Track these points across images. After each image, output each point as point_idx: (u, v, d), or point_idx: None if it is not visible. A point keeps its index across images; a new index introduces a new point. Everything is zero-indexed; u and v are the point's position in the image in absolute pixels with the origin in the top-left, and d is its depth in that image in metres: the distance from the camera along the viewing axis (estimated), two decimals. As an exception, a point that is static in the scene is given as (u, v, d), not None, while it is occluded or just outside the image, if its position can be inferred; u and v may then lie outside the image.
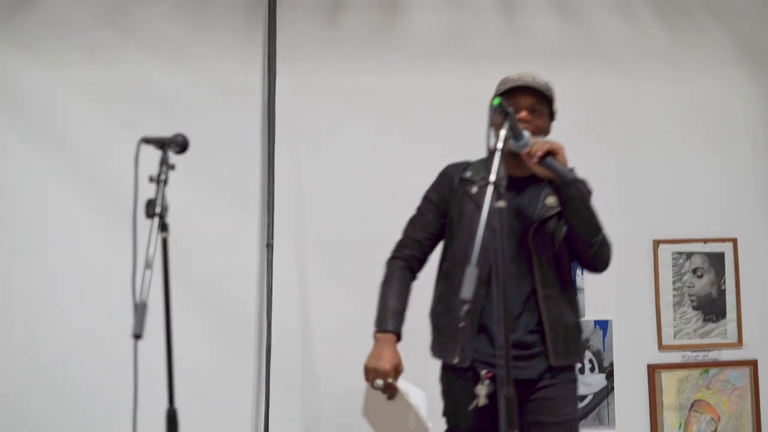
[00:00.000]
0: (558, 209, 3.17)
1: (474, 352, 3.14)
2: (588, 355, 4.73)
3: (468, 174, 3.31)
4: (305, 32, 4.60)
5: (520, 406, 2.94)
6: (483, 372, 3.10)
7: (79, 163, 4.36)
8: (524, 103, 3.19)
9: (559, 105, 3.35)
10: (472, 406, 3.08)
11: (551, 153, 3.05)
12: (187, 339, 4.06)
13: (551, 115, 3.33)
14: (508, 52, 4.79)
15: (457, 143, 4.46)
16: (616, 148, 4.86)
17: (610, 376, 4.77)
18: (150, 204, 2.34)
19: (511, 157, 3.14)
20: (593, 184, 4.70)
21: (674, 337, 4.84)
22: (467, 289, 2.14)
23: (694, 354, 4.85)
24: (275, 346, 4.39)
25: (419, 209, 3.43)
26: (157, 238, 2.26)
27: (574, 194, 3.09)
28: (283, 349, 4.44)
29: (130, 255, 2.40)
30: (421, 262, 3.38)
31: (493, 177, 2.30)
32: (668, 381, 4.79)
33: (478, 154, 4.05)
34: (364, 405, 3.23)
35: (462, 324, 3.11)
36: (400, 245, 3.40)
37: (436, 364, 3.36)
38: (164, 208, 2.35)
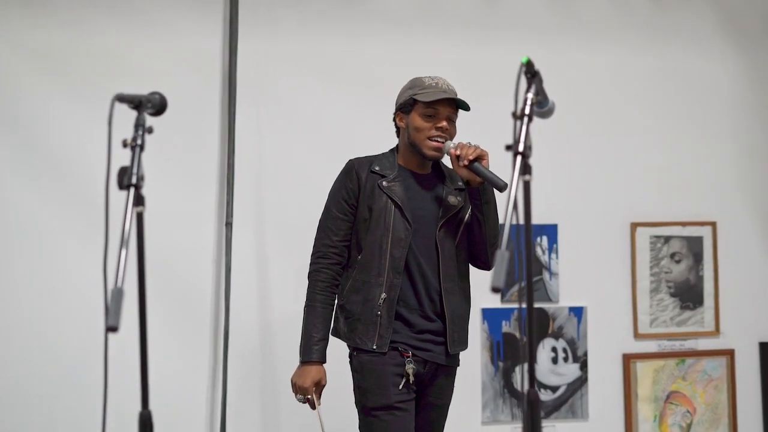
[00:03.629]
0: (458, 207, 3.42)
1: (396, 334, 3.34)
2: (561, 343, 4.58)
3: (376, 168, 3.44)
4: (270, -5, 4.39)
5: (425, 387, 3.38)
6: (408, 353, 3.33)
7: (29, 132, 4.10)
8: (445, 112, 3.37)
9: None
10: (402, 385, 3.29)
11: (479, 158, 3.25)
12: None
13: None
14: (484, 22, 4.64)
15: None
16: (592, 126, 4.77)
17: (584, 366, 4.64)
18: (124, 173, 2.00)
19: (413, 154, 3.42)
20: (568, 163, 4.58)
21: (650, 325, 4.74)
22: (498, 276, 1.87)
23: (671, 343, 4.77)
24: (233, 332, 4.20)
25: (329, 211, 3.49)
26: (132, 212, 1.93)
27: (491, 198, 3.39)
28: (242, 334, 4.25)
29: (98, 233, 2.06)
30: (342, 266, 3.46)
31: (521, 147, 2.02)
32: (644, 371, 4.68)
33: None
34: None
35: (379, 313, 3.31)
36: (318, 256, 3.47)
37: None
38: (140, 178, 2.02)
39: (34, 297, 4.05)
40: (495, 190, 3.26)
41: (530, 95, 2.17)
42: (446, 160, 3.42)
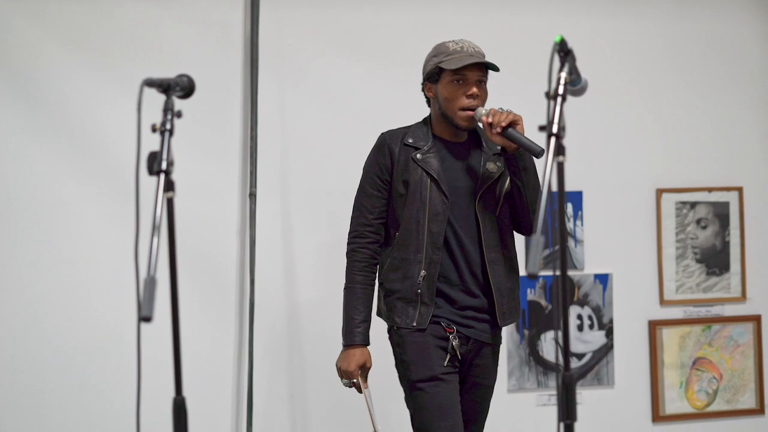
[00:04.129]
0: (498, 174, 3.31)
1: (439, 309, 3.28)
2: (587, 311, 4.56)
3: (409, 140, 3.35)
4: (291, -40, 4.33)
5: (468, 368, 3.32)
6: (452, 329, 3.26)
7: (52, 107, 4.06)
8: (474, 77, 3.26)
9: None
10: (447, 361, 3.24)
11: (513, 124, 3.15)
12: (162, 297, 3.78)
13: None
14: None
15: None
16: (616, 92, 4.70)
17: (609, 334, 4.62)
18: (153, 158, 1.98)
19: (447, 124, 3.31)
20: (593, 130, 4.53)
21: (676, 292, 4.71)
22: (534, 262, 1.84)
23: (696, 309, 4.73)
24: (258, 303, 4.18)
25: (363, 189, 3.41)
26: (162, 199, 1.91)
27: (529, 164, 3.28)
28: (267, 306, 4.23)
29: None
30: (380, 244, 3.40)
31: (555, 128, 1.99)
32: (669, 338, 4.65)
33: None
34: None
35: (419, 291, 3.25)
36: (355, 236, 3.40)
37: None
38: (170, 164, 2.00)
39: (60, 279, 4.04)
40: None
41: (563, 74, 2.14)
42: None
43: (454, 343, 3.24)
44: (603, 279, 4.59)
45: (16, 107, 4.00)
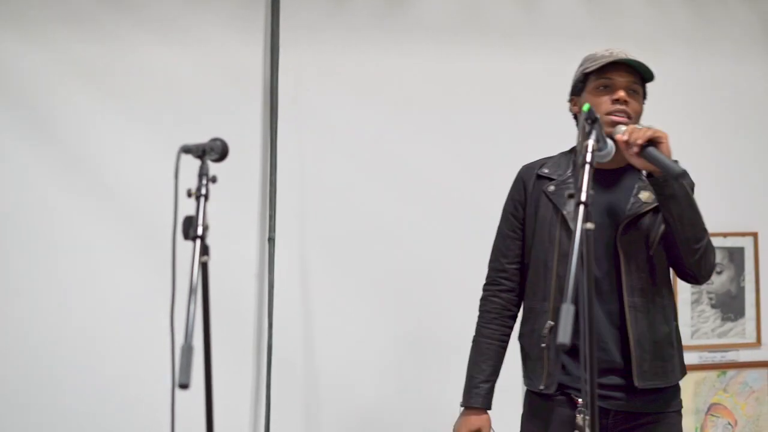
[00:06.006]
0: (654, 205, 2.78)
1: (566, 376, 2.81)
2: (604, 356, 4.51)
3: (545, 170, 2.93)
4: (311, 9, 4.32)
5: None
6: (580, 401, 2.75)
7: (73, 152, 4.06)
8: (621, 82, 2.83)
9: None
10: None
11: (654, 142, 2.66)
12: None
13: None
14: (527, 34, 4.57)
15: (470, 132, 4.25)
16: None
17: (626, 379, 4.56)
18: (189, 224, 2.00)
19: None
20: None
21: (692, 337, 4.70)
22: (564, 331, 1.83)
23: (712, 355, 4.73)
24: (276, 348, 4.17)
25: (500, 230, 3.03)
26: (198, 264, 1.93)
27: (677, 191, 2.70)
28: (284, 349, 4.22)
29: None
30: (515, 291, 2.99)
31: (583, 196, 2.00)
32: (685, 383, 4.49)
33: (493, 144, 3.78)
34: None
35: (544, 344, 2.79)
36: (487, 283, 3.04)
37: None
38: (205, 228, 2.02)
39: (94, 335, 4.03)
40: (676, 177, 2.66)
41: (591, 142, 2.17)
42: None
43: (579, 420, 2.72)
44: (619, 324, 4.60)
45: (29, 146, 4.01)
